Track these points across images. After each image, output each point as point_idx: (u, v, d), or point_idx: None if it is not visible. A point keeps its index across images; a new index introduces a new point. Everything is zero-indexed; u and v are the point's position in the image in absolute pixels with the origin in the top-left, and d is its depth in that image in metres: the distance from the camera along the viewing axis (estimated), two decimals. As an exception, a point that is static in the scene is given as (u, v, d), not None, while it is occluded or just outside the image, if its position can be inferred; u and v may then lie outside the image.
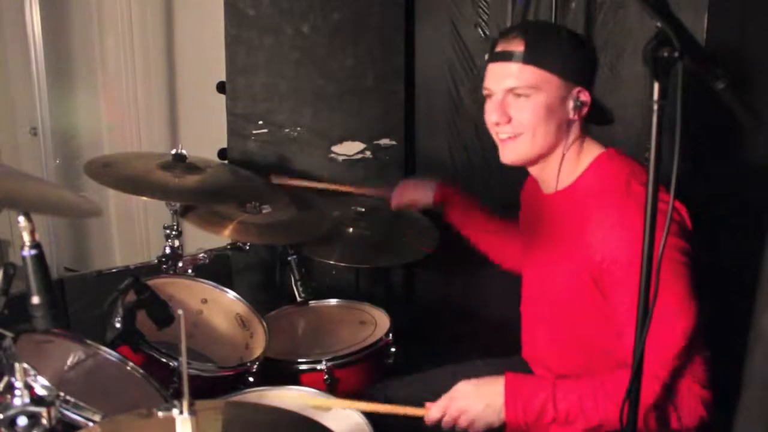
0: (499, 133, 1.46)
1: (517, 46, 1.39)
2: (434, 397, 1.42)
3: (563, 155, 1.45)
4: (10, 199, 1.05)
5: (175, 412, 0.86)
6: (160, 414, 0.87)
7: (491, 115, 1.44)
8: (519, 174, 2.39)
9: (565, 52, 1.40)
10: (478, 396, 1.37)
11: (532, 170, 1.54)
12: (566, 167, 1.46)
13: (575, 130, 1.44)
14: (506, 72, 1.41)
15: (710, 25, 1.72)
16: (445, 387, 1.42)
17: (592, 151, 1.47)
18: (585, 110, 1.43)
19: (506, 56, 1.40)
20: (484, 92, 1.48)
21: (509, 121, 1.42)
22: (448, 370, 1.67)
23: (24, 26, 3.05)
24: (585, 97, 1.42)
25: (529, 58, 1.38)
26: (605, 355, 1.38)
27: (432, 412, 1.39)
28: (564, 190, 1.48)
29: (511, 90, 1.41)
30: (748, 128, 1.04)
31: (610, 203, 1.34)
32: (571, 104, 1.41)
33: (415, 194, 1.99)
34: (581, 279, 1.39)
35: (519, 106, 1.41)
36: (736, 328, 1.34)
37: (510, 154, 1.47)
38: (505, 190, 2.35)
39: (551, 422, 1.33)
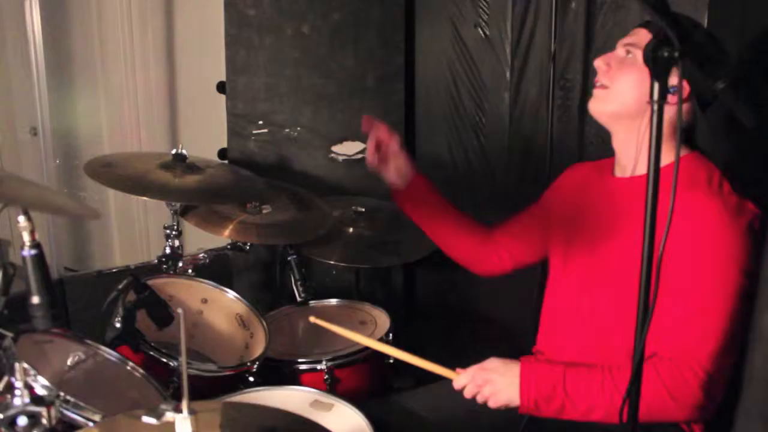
0: (596, 81, 1.49)
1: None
2: (433, 410, 1.39)
3: (642, 133, 1.42)
4: (11, 197, 1.05)
5: (173, 412, 0.86)
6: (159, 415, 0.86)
7: (598, 60, 1.48)
8: (520, 174, 2.38)
9: None
10: (504, 371, 1.39)
11: (615, 143, 1.52)
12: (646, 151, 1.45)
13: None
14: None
15: (710, 24, 1.72)
16: (444, 398, 1.40)
17: (683, 147, 1.43)
18: None
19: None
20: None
21: (609, 69, 1.45)
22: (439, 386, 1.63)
23: (24, 26, 3.05)
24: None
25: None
26: (624, 352, 1.35)
27: (460, 378, 1.41)
28: (643, 176, 1.44)
29: (625, 45, 1.45)
30: (748, 128, 1.04)
31: (698, 198, 1.32)
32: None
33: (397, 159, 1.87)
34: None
35: (620, 60, 1.45)
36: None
37: (593, 103, 1.49)
38: (506, 189, 2.36)
39: (560, 407, 1.34)
